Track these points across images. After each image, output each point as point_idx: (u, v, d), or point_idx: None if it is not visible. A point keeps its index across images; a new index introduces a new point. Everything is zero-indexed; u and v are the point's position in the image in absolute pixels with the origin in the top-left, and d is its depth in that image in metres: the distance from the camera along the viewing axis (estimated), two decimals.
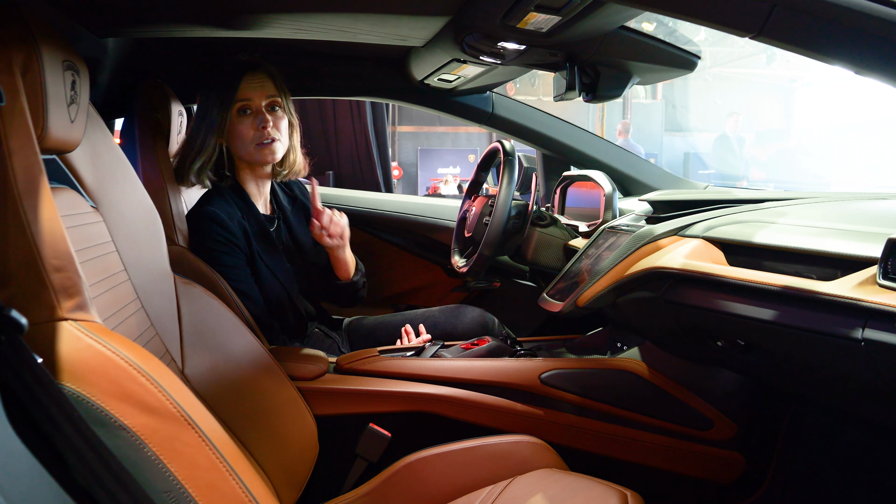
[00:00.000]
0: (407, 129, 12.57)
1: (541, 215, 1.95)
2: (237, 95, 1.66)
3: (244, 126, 1.68)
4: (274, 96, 1.71)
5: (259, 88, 1.68)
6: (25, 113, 0.81)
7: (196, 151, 1.67)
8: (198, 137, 1.67)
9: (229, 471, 0.87)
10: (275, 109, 1.71)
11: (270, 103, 1.70)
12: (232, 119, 1.68)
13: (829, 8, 0.89)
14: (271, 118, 1.69)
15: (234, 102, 1.67)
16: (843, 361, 1.03)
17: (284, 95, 1.74)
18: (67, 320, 0.79)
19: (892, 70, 0.92)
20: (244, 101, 1.67)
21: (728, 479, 1.57)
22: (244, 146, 1.69)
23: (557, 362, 1.61)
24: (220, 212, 1.64)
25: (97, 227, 1.08)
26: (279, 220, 1.84)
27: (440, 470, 1.34)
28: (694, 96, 12.59)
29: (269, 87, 1.70)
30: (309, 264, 1.87)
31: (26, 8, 0.87)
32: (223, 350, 1.30)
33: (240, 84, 1.66)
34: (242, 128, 1.68)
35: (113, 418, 0.77)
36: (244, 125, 1.68)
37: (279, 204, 1.86)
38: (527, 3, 1.26)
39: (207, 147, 1.67)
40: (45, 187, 0.81)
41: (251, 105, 1.68)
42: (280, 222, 1.84)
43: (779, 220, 1.25)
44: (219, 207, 1.65)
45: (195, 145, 1.67)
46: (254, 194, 1.77)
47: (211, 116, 1.67)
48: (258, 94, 1.68)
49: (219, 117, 1.66)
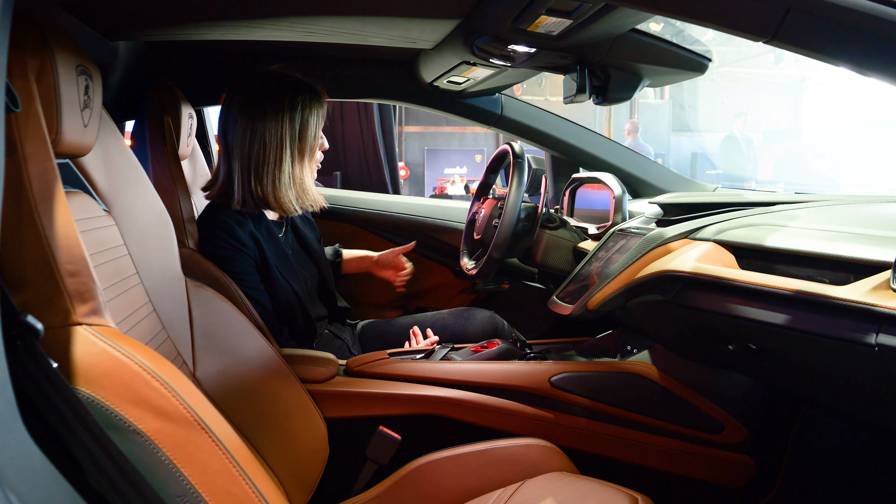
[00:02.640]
0: (414, 130, 12.59)
1: (550, 217, 1.95)
2: (316, 139, 1.70)
3: (320, 144, 1.73)
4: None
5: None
6: (40, 118, 0.81)
7: (307, 176, 1.69)
8: (300, 161, 1.67)
9: (241, 474, 0.87)
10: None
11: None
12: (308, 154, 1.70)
13: (843, 12, 0.88)
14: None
15: (318, 142, 1.71)
16: (856, 366, 1.02)
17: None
18: (82, 325, 0.80)
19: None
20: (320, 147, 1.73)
21: (738, 483, 1.56)
22: (313, 162, 1.73)
23: (567, 365, 1.61)
24: (230, 220, 1.64)
25: (110, 231, 1.08)
26: (287, 225, 1.84)
27: (450, 473, 1.34)
28: (701, 96, 12.56)
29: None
30: (319, 266, 1.87)
31: (40, 13, 0.87)
32: (234, 353, 1.31)
33: (319, 124, 1.70)
34: (320, 145, 1.73)
35: (127, 422, 0.77)
36: (320, 143, 1.73)
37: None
38: (538, 6, 1.26)
39: (306, 169, 1.70)
40: (60, 192, 0.81)
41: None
42: (287, 227, 1.84)
43: (790, 224, 1.25)
44: (228, 216, 1.65)
45: (302, 170, 1.68)
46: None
47: (311, 138, 1.68)
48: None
49: (315, 139, 1.69)
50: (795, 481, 1.54)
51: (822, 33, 0.92)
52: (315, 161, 1.73)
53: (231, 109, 1.64)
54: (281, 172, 1.64)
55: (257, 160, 1.62)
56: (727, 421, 1.55)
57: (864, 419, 1.42)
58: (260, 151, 1.62)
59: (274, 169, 1.63)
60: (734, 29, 0.98)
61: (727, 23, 0.98)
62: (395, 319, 2.03)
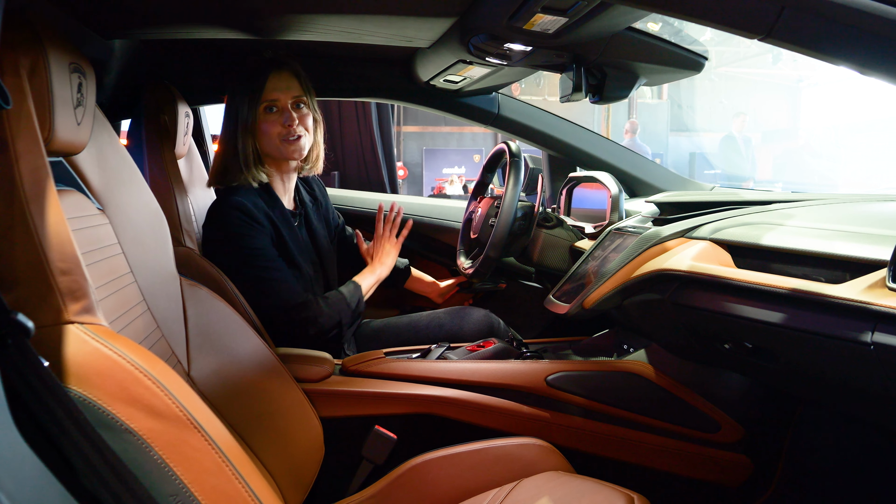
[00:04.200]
0: (412, 129, 12.58)
1: (547, 216, 1.95)
2: (263, 95, 1.69)
3: (270, 123, 1.71)
4: (299, 95, 1.73)
5: (284, 87, 1.71)
6: (32, 116, 0.81)
7: (240, 152, 1.69)
8: (236, 138, 1.69)
9: (235, 474, 0.87)
10: (300, 107, 1.74)
11: (296, 101, 1.73)
12: (259, 116, 1.70)
13: (838, 9, 0.88)
14: (297, 115, 1.72)
15: (262, 102, 1.69)
16: (852, 365, 1.02)
17: (309, 94, 1.77)
18: (74, 323, 0.79)
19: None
20: (270, 101, 1.70)
21: (735, 482, 1.56)
22: (271, 142, 1.71)
23: (563, 364, 1.61)
24: (243, 199, 1.66)
25: (104, 230, 1.08)
26: (301, 216, 1.86)
27: (446, 472, 1.34)
28: (700, 96, 12.57)
29: (294, 85, 1.73)
30: (325, 266, 1.87)
31: (33, 11, 0.87)
32: (229, 352, 1.30)
33: (266, 82, 1.69)
34: (269, 125, 1.70)
35: (119, 422, 0.77)
36: (270, 122, 1.71)
37: (301, 200, 1.89)
38: (533, 4, 1.26)
39: (247, 146, 1.70)
40: (52, 190, 0.80)
41: (277, 104, 1.71)
42: (302, 219, 1.86)
43: (786, 223, 1.25)
44: (244, 197, 1.66)
45: (236, 146, 1.70)
46: (279, 190, 1.79)
47: (242, 115, 1.69)
48: (284, 93, 1.71)
49: (249, 115, 1.69)
50: (792, 480, 1.54)
51: (817, 30, 0.92)
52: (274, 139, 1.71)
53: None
54: (225, 146, 1.72)
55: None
56: (723, 420, 1.55)
57: (859, 418, 1.42)
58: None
59: (222, 145, 1.73)
60: (729, 26, 0.98)
61: (722, 20, 0.98)
62: (391, 319, 2.03)
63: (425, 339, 1.90)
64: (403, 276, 2.17)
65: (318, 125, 1.83)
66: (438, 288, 2.22)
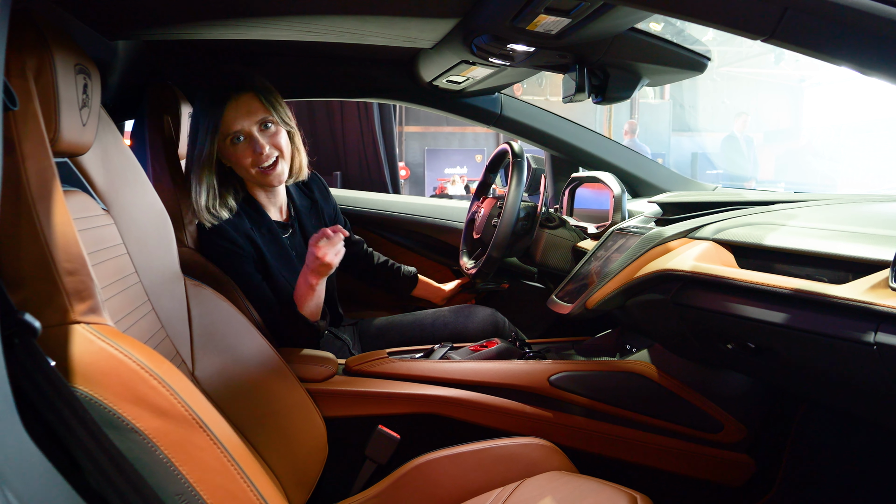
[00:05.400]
0: (414, 130, 12.58)
1: (549, 217, 1.95)
2: (223, 129, 1.59)
3: (240, 153, 1.62)
4: (264, 115, 1.62)
5: (245, 114, 1.60)
6: (38, 117, 0.81)
7: (202, 189, 1.61)
8: (199, 173, 1.60)
9: (240, 473, 0.87)
10: (268, 127, 1.64)
11: (262, 123, 1.62)
12: (227, 148, 1.62)
13: (841, 10, 0.88)
14: (266, 138, 1.63)
15: (224, 135, 1.60)
16: (855, 365, 1.02)
17: (275, 107, 1.65)
18: (80, 323, 0.80)
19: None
20: (234, 133, 1.60)
21: (737, 482, 1.56)
22: (247, 172, 1.65)
23: (566, 364, 1.61)
24: (225, 224, 1.63)
25: (109, 230, 1.08)
26: (295, 224, 1.83)
27: (449, 472, 1.34)
28: (702, 96, 12.55)
29: (255, 107, 1.61)
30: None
31: (38, 12, 0.87)
32: (233, 352, 1.31)
33: (223, 113, 1.58)
34: (239, 155, 1.62)
35: (125, 421, 0.77)
36: (240, 153, 1.62)
37: (296, 209, 1.85)
38: (537, 5, 1.26)
39: (202, 182, 1.61)
40: (58, 191, 0.81)
41: (242, 132, 1.61)
42: (296, 228, 1.83)
43: (789, 223, 1.25)
44: (224, 221, 1.64)
45: (198, 182, 1.61)
46: (265, 204, 1.75)
47: (203, 149, 1.59)
48: (246, 120, 1.60)
49: (210, 149, 1.60)
50: (794, 480, 1.54)
51: (820, 31, 0.92)
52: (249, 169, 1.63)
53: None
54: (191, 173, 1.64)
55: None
56: (726, 420, 1.55)
57: (862, 418, 1.42)
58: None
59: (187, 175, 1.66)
60: (732, 27, 0.98)
61: (725, 21, 0.98)
62: (396, 317, 2.03)
63: (430, 337, 1.90)
64: (411, 285, 2.15)
65: (294, 135, 1.73)
66: (443, 292, 2.20)
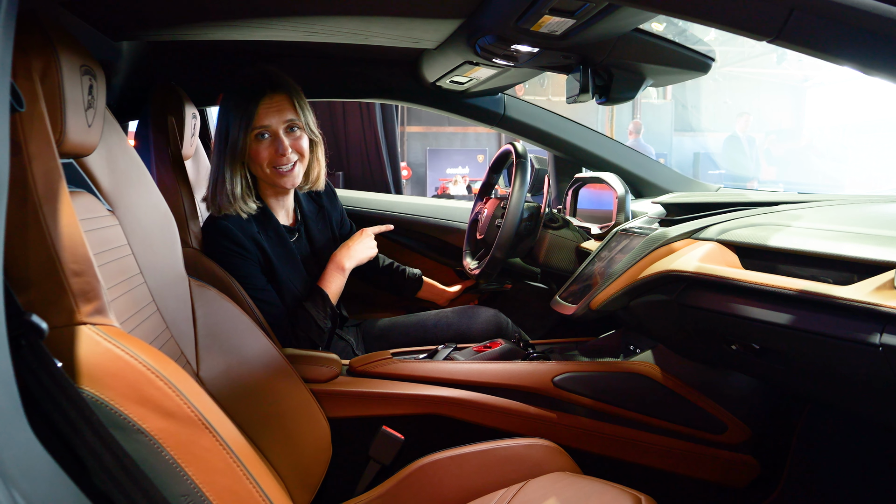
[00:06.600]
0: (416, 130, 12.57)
1: (553, 217, 1.95)
2: (255, 122, 1.62)
3: (261, 149, 1.65)
4: (293, 117, 1.66)
5: (276, 112, 1.64)
6: (44, 118, 0.81)
7: (230, 180, 1.64)
8: (225, 165, 1.64)
9: (245, 473, 0.87)
10: (293, 130, 1.67)
11: (289, 125, 1.66)
12: (250, 143, 1.65)
13: (847, 11, 0.88)
14: (290, 140, 1.66)
15: (253, 129, 1.63)
16: (860, 366, 1.02)
17: (304, 113, 1.69)
18: (86, 324, 0.80)
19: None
20: (262, 128, 1.63)
21: (741, 483, 1.56)
22: (261, 169, 1.67)
23: (570, 365, 1.61)
24: (232, 225, 1.63)
25: (114, 231, 1.08)
26: (301, 229, 1.83)
27: (453, 473, 1.34)
28: (704, 96, 12.53)
29: (286, 109, 1.65)
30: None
31: (44, 14, 0.88)
32: (237, 353, 1.31)
33: (257, 108, 1.62)
34: (260, 151, 1.65)
35: (131, 422, 0.77)
36: (261, 148, 1.65)
37: (303, 214, 1.85)
38: (541, 6, 1.26)
39: (236, 177, 1.65)
40: (65, 192, 0.81)
41: (269, 129, 1.64)
42: (302, 233, 1.83)
43: (794, 224, 1.25)
44: (231, 221, 1.64)
45: (226, 174, 1.64)
46: (274, 207, 1.76)
47: (231, 141, 1.63)
48: (276, 119, 1.64)
49: (243, 142, 1.63)
50: (799, 481, 1.54)
51: (826, 32, 0.92)
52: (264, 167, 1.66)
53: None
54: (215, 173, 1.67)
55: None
56: (730, 421, 1.55)
57: (867, 419, 1.42)
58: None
59: (213, 170, 1.68)
60: (738, 28, 0.98)
61: (731, 22, 0.98)
62: (399, 318, 2.03)
63: (433, 338, 1.90)
64: (416, 287, 2.15)
65: (317, 145, 1.77)
66: (448, 294, 2.20)
